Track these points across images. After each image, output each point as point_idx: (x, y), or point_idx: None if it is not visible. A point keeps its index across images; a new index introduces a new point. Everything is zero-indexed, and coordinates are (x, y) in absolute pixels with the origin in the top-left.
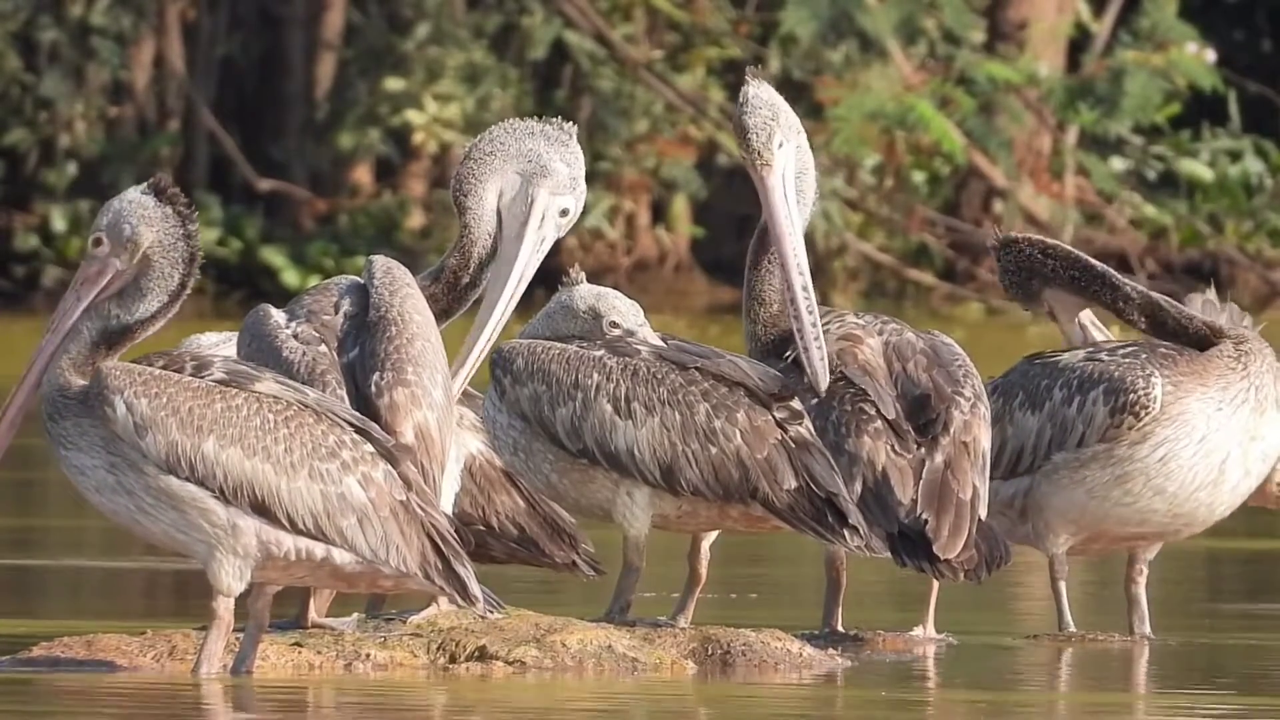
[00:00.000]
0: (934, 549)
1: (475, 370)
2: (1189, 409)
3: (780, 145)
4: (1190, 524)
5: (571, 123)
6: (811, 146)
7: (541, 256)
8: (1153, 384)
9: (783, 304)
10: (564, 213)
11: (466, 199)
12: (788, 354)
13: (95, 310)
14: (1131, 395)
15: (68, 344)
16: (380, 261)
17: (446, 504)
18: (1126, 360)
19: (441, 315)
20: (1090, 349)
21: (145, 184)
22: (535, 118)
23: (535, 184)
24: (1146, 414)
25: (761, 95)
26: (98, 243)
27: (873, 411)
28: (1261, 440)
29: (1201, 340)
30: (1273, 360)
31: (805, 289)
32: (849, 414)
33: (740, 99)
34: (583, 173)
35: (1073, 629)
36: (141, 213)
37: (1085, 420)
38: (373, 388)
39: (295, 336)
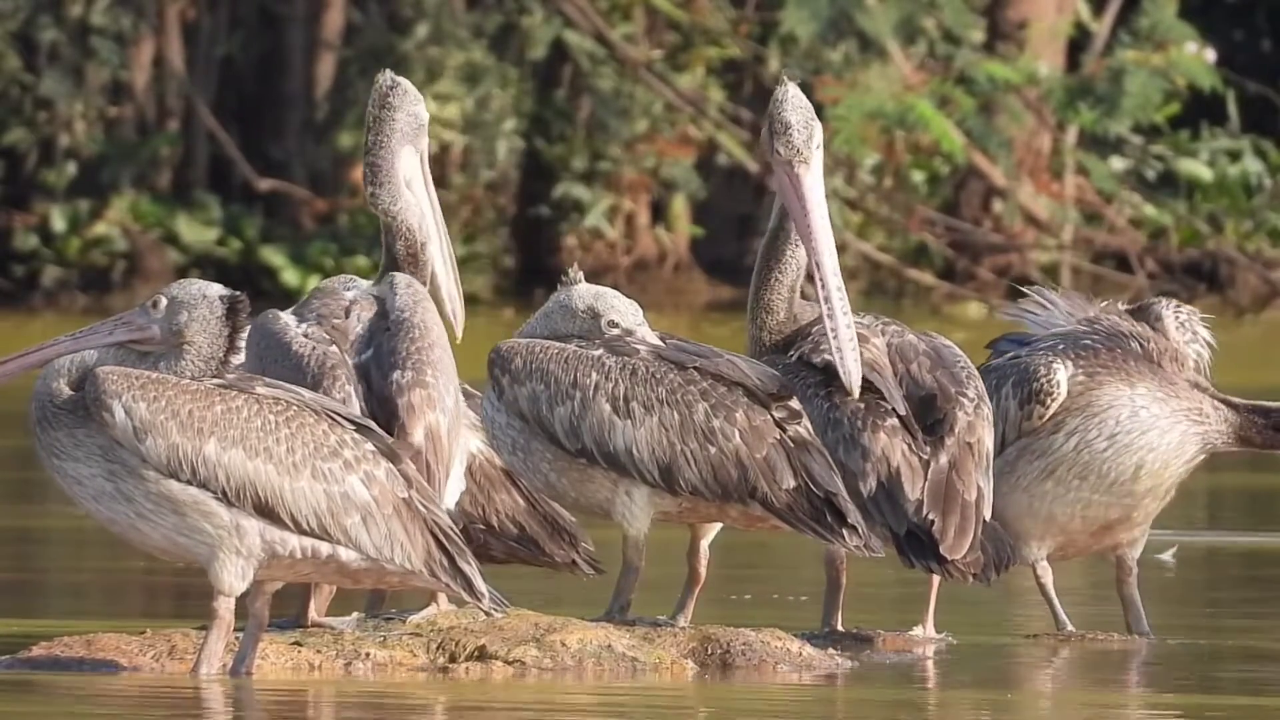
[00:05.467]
0: (940, 549)
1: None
2: (1099, 399)
3: (819, 146)
4: (1135, 508)
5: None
6: None
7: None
8: (1054, 370)
9: (788, 313)
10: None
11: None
12: (792, 353)
13: (115, 348)
14: (1035, 384)
15: (75, 358)
16: (402, 278)
17: (449, 506)
18: (1040, 352)
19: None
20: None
21: (230, 293)
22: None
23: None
24: (1052, 400)
25: (800, 96)
26: (156, 304)
27: (889, 409)
28: (1178, 450)
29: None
30: (1204, 380)
31: (840, 289)
32: (866, 409)
33: (778, 96)
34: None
35: (1070, 629)
36: (205, 313)
37: (1002, 416)
38: (393, 385)
39: (306, 336)
